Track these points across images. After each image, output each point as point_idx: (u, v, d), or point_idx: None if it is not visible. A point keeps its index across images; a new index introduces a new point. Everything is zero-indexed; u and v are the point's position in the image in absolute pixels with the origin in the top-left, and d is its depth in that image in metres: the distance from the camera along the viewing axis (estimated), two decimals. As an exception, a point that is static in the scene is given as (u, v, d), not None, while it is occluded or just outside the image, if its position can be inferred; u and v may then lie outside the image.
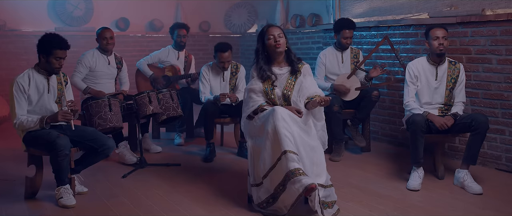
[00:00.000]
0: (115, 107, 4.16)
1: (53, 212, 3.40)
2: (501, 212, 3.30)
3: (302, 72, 3.52)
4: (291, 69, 3.51)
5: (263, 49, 3.50)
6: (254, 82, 3.50)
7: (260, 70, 3.48)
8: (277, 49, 3.44)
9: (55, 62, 3.55)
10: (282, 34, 3.46)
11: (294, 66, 3.51)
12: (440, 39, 3.87)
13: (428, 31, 3.95)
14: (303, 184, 2.99)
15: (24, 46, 6.82)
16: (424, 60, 4.07)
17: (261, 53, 3.50)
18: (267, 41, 3.45)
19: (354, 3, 6.06)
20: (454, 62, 4.05)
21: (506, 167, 4.22)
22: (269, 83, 3.47)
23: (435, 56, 3.98)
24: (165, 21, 7.78)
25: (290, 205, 3.10)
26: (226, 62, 4.85)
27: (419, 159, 3.83)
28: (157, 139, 5.70)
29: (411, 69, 4.07)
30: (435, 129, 3.90)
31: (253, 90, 3.48)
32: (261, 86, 3.47)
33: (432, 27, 3.96)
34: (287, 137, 3.13)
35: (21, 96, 3.54)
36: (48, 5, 7.22)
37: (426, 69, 4.04)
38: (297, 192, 3.01)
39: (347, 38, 4.84)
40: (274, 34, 3.43)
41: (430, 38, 3.92)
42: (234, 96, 4.76)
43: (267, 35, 3.46)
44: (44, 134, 3.50)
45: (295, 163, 3.06)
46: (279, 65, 3.53)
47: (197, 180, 4.10)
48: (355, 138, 4.86)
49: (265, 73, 3.46)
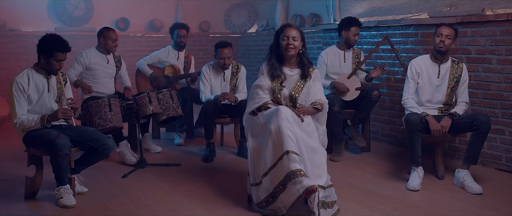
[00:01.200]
0: (115, 107, 4.17)
1: (53, 212, 3.40)
2: (501, 212, 3.30)
3: (312, 76, 3.53)
4: (301, 73, 3.50)
5: (277, 48, 3.50)
6: (263, 78, 3.49)
7: (272, 67, 3.47)
8: (288, 52, 3.43)
9: (55, 64, 3.56)
10: (298, 37, 3.43)
11: (305, 70, 3.50)
12: (443, 37, 3.88)
13: (436, 28, 3.97)
14: (303, 185, 2.98)
15: (24, 46, 6.82)
16: (427, 57, 4.08)
17: (275, 51, 3.50)
18: (281, 41, 3.44)
19: (354, 3, 6.06)
20: (458, 62, 4.05)
21: (506, 167, 4.22)
22: (278, 82, 3.47)
23: (437, 53, 3.99)
24: (165, 21, 7.78)
25: (289, 205, 3.10)
26: (226, 58, 4.84)
27: (417, 158, 3.83)
28: (157, 139, 5.70)
29: (414, 66, 4.08)
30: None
31: (261, 86, 3.48)
32: (269, 84, 3.47)
33: (441, 25, 3.98)
34: (290, 137, 3.13)
35: (21, 95, 3.54)
36: (48, 5, 7.22)
37: (429, 66, 4.05)
38: (298, 193, 3.01)
39: (356, 35, 4.86)
40: (289, 35, 3.42)
41: (435, 35, 3.95)
42: (232, 97, 4.76)
43: (282, 34, 3.44)
44: (44, 133, 3.50)
45: (296, 164, 3.06)
46: (290, 66, 3.52)
47: (197, 180, 4.10)
48: (355, 138, 4.86)
49: (276, 71, 3.45)
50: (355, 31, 4.86)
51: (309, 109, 3.46)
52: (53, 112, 3.57)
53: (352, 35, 4.85)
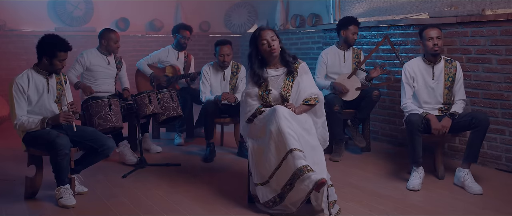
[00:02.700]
0: (115, 107, 4.17)
1: (53, 212, 3.40)
2: (501, 212, 3.30)
3: (299, 71, 3.50)
4: (287, 70, 3.49)
5: (257, 54, 3.48)
6: (251, 86, 3.49)
7: (254, 76, 3.46)
8: (272, 53, 3.42)
9: (58, 64, 3.56)
10: (274, 36, 3.43)
11: (290, 66, 3.48)
12: (435, 40, 3.87)
13: (422, 32, 3.95)
14: (312, 180, 2.97)
15: (24, 46, 6.82)
16: (420, 60, 4.07)
17: (255, 58, 3.48)
18: (261, 46, 3.42)
19: (354, 3, 6.06)
20: (451, 61, 4.05)
21: (506, 167, 4.22)
22: (264, 87, 3.46)
23: (431, 56, 3.98)
24: (165, 21, 7.78)
25: (300, 203, 3.08)
26: (225, 56, 4.84)
27: (418, 159, 3.83)
28: (157, 139, 5.70)
29: (407, 70, 4.06)
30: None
31: (249, 94, 3.48)
32: (256, 91, 3.46)
33: (426, 27, 3.96)
34: (291, 135, 3.12)
35: (20, 96, 3.53)
36: (48, 5, 7.22)
37: (422, 69, 4.04)
38: (307, 188, 2.99)
39: (355, 34, 4.86)
40: (267, 38, 3.40)
41: (424, 39, 3.92)
42: (232, 97, 4.75)
43: (260, 40, 3.42)
44: (44, 133, 3.50)
45: (302, 160, 3.05)
46: (275, 66, 3.51)
47: (197, 180, 4.10)
48: (355, 138, 4.86)
49: (259, 78, 3.44)
50: (353, 30, 4.85)
51: (301, 108, 3.42)
52: (54, 116, 3.57)
53: (351, 34, 4.85)
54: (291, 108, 3.34)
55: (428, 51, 3.94)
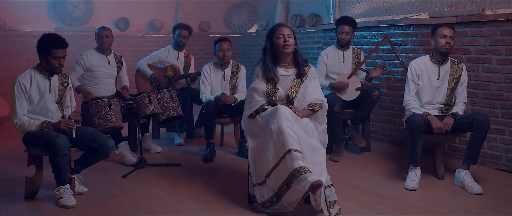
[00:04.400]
0: (115, 107, 4.17)
1: (53, 212, 3.40)
2: (501, 212, 3.30)
3: (309, 75, 3.50)
4: (297, 72, 3.49)
5: (271, 48, 3.48)
6: (259, 81, 3.48)
7: (266, 69, 3.46)
8: (285, 49, 3.41)
9: (54, 61, 3.55)
10: (292, 34, 3.43)
11: (301, 69, 3.48)
12: (448, 38, 3.87)
13: (436, 29, 3.94)
14: (309, 181, 2.97)
15: (24, 46, 6.82)
16: (427, 58, 4.07)
17: (269, 52, 3.48)
18: (276, 40, 3.42)
19: (354, 3, 6.06)
20: (457, 62, 4.05)
21: (506, 167, 4.22)
22: (272, 85, 3.47)
23: (439, 55, 3.98)
24: (165, 21, 7.78)
25: (296, 203, 3.09)
26: (225, 51, 4.84)
27: (416, 159, 3.84)
28: (157, 139, 5.70)
29: (414, 67, 4.06)
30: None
31: (256, 90, 3.47)
32: (264, 87, 3.46)
33: (440, 25, 3.96)
34: (291, 136, 3.12)
35: (22, 95, 3.54)
36: (48, 5, 7.22)
37: (429, 67, 4.04)
38: (303, 189, 3.00)
39: (343, 33, 4.84)
40: (284, 33, 3.40)
41: (437, 36, 3.91)
42: (231, 98, 4.75)
43: (276, 34, 3.43)
44: (43, 133, 3.50)
45: (300, 161, 3.05)
46: (286, 66, 3.51)
47: (197, 180, 4.10)
48: (355, 138, 4.86)
49: (270, 73, 3.44)
50: (345, 30, 4.83)
51: (304, 112, 3.42)
52: (56, 123, 3.57)
53: (344, 33, 4.84)
54: (295, 111, 3.34)
55: (439, 48, 3.93)
